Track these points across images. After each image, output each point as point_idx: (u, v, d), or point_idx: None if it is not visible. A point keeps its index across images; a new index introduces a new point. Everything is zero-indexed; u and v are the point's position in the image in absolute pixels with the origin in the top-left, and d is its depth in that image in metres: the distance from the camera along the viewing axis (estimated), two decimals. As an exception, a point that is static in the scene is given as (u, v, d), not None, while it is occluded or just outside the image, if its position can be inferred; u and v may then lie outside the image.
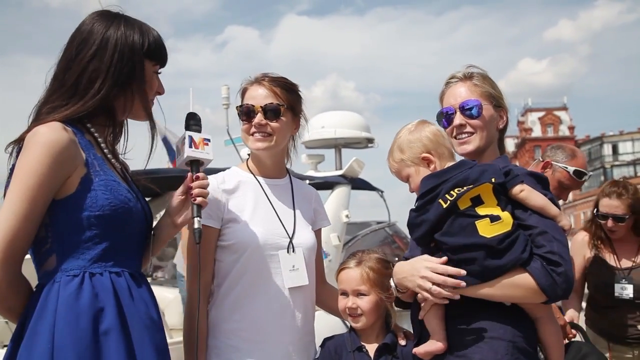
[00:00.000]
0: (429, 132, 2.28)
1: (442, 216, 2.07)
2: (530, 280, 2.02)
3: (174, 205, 2.18)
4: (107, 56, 2.00)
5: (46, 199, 1.86)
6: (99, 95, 1.99)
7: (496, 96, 2.36)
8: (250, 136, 2.44)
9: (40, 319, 1.81)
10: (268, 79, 2.46)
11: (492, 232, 2.02)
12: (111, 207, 1.91)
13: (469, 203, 2.07)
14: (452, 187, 2.09)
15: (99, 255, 1.90)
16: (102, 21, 2.05)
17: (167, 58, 2.16)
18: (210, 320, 2.37)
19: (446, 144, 2.29)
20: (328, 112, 7.41)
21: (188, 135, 2.15)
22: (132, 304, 1.92)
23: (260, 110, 2.41)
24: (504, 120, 2.38)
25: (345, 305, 2.51)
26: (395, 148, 2.31)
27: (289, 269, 2.39)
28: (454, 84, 2.40)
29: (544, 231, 2.06)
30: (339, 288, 2.56)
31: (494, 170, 2.12)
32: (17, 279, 1.87)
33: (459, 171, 2.14)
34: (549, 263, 2.02)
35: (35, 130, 1.88)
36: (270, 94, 2.43)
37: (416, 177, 2.25)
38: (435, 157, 2.24)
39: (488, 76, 2.41)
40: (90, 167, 1.94)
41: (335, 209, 6.15)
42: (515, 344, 2.06)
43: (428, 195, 2.13)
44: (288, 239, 2.43)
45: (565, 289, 2.02)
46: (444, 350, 2.10)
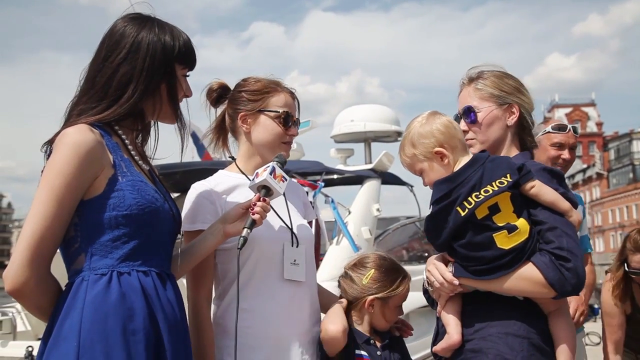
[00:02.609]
0: (440, 124, 2.21)
1: (460, 225, 2.06)
2: (538, 275, 2.02)
3: (231, 214, 2.21)
4: (139, 60, 2.02)
5: (74, 199, 1.88)
6: (131, 100, 2.01)
7: (501, 94, 2.33)
8: (282, 143, 2.48)
9: (67, 317, 1.83)
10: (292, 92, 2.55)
11: (510, 244, 2.04)
12: (139, 207, 1.93)
13: (486, 212, 2.06)
14: (469, 191, 2.06)
15: (126, 255, 1.92)
16: (134, 24, 2.06)
17: (196, 62, 2.17)
18: (219, 322, 2.38)
19: (459, 136, 2.23)
20: (357, 105, 7.37)
21: (272, 165, 2.22)
22: (160, 304, 1.93)
23: (294, 123, 2.50)
24: (515, 115, 2.33)
25: (397, 318, 2.61)
26: (406, 142, 2.25)
27: (290, 262, 2.41)
28: (462, 88, 2.44)
29: (554, 227, 2.06)
30: (397, 304, 2.59)
31: (507, 166, 2.10)
32: (46, 278, 1.89)
33: (472, 170, 2.11)
34: (558, 258, 2.01)
35: (64, 132, 1.92)
36: (297, 108, 2.53)
37: (430, 172, 2.21)
38: (448, 150, 2.18)
39: (498, 73, 2.39)
40: (118, 168, 1.96)
41: (365, 203, 6.12)
42: (530, 341, 2.06)
43: (443, 202, 2.10)
44: (290, 232, 2.44)
45: (574, 284, 2.01)
46: (458, 343, 2.11)
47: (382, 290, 2.53)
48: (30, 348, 4.12)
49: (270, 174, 2.18)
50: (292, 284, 2.40)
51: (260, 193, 2.18)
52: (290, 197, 2.55)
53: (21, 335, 4.84)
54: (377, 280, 2.55)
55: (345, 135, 7.09)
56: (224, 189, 2.42)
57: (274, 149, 2.45)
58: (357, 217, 5.94)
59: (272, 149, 2.46)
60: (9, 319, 4.88)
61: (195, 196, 2.39)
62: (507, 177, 2.05)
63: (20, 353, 4.14)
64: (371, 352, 2.49)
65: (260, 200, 2.17)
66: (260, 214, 2.15)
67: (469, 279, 2.10)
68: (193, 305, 2.35)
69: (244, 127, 2.49)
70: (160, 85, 2.06)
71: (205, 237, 2.24)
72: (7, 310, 5.07)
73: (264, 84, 2.51)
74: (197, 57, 2.18)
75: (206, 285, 2.37)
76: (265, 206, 2.16)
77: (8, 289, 1.84)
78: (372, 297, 2.53)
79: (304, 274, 2.44)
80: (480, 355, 2.06)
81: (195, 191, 2.42)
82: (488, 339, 2.07)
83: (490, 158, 2.15)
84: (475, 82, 2.38)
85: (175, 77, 2.10)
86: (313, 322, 2.48)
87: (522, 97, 2.35)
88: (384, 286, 2.54)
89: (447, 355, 2.16)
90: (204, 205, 2.37)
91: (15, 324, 4.86)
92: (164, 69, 2.05)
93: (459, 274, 2.11)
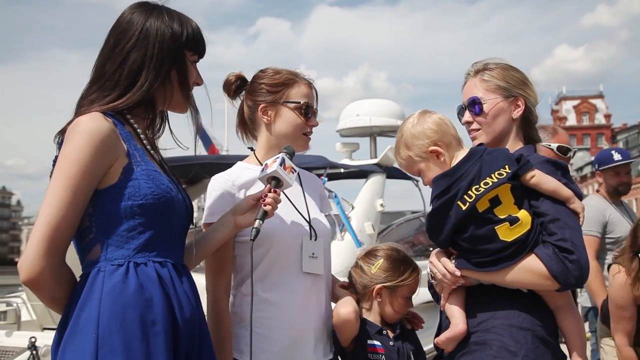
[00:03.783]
0: (431, 123, 2.21)
1: (462, 219, 2.05)
2: (541, 267, 2.01)
3: (242, 206, 2.20)
4: (149, 47, 2.00)
5: (89, 188, 1.86)
6: (144, 87, 1.99)
7: (507, 87, 2.32)
8: (302, 135, 2.48)
9: (85, 308, 1.81)
10: (311, 83, 2.54)
11: (513, 236, 2.03)
12: (154, 196, 1.91)
13: (487, 204, 2.05)
14: (469, 185, 2.05)
15: (142, 245, 1.90)
16: (141, 12, 2.05)
17: (205, 49, 2.16)
18: (236, 311, 2.39)
19: (451, 132, 2.23)
20: (363, 100, 7.35)
21: (282, 156, 2.21)
22: (176, 295, 1.91)
23: (314, 113, 2.50)
24: (520, 109, 2.32)
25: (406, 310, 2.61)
26: (400, 145, 2.25)
27: (309, 255, 2.42)
28: (467, 80, 2.42)
29: (556, 218, 2.05)
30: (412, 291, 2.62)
31: (505, 157, 2.10)
32: (61, 269, 1.87)
33: (470, 164, 2.10)
34: (561, 250, 2.00)
35: (77, 121, 1.89)
36: (315, 99, 2.53)
37: (428, 171, 2.21)
38: (443, 148, 2.18)
39: (504, 66, 2.38)
40: (132, 157, 1.94)
41: (369, 198, 6.11)
42: (534, 333, 2.06)
43: (443, 197, 2.09)
44: (308, 225, 2.45)
45: (577, 276, 2.00)
46: (464, 332, 2.10)
47: (390, 280, 2.57)
48: (34, 339, 4.13)
49: (280, 165, 2.18)
50: (310, 276, 2.41)
51: (271, 184, 2.18)
52: (307, 189, 2.57)
53: (25, 325, 4.85)
54: (386, 270, 2.60)
55: (350, 130, 7.08)
56: (244, 182, 2.42)
57: (294, 141, 2.45)
58: (361, 212, 5.94)
59: (292, 141, 2.45)
60: (14, 309, 4.91)
61: (216, 188, 2.41)
62: (506, 169, 2.05)
63: (24, 343, 4.16)
64: (384, 342, 2.52)
65: (271, 192, 2.16)
66: (272, 205, 2.14)
67: (472, 271, 2.10)
68: (212, 296, 2.36)
69: (264, 118, 2.48)
70: (170, 72, 2.05)
71: (217, 228, 2.23)
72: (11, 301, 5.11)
73: (283, 75, 2.50)
74: (206, 45, 2.16)
75: (225, 277, 2.38)
76: (276, 197, 2.16)
77: (23, 280, 1.81)
78: (380, 286, 2.57)
79: (322, 266, 2.46)
80: (484, 347, 2.06)
81: (216, 183, 2.43)
82: (492, 330, 2.07)
83: (487, 151, 2.14)
84: (482, 73, 2.36)
85: (186, 63, 2.08)
86: (329, 315, 2.50)
87: (527, 91, 2.34)
88: (392, 276, 2.58)
89: (451, 347, 2.14)
90: (224, 198, 2.38)
91: (20, 314, 4.89)
92: (174, 55, 2.04)
93: (461, 266, 2.11)
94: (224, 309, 2.36)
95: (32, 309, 5.06)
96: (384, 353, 2.49)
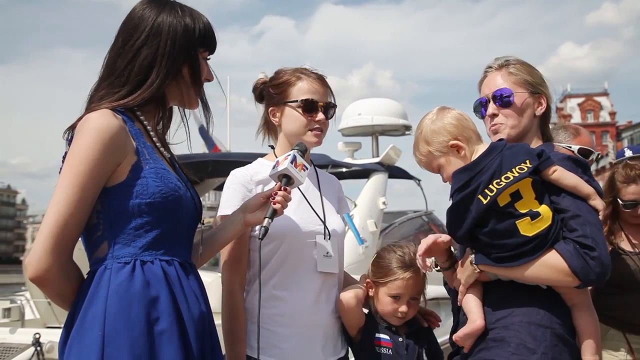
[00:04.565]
0: (451, 117, 2.22)
1: (483, 213, 2.05)
2: (562, 263, 2.00)
3: (252, 203, 2.21)
4: (161, 43, 1.99)
5: (97, 186, 1.86)
6: (155, 84, 1.99)
7: (533, 83, 2.32)
8: (309, 131, 2.49)
9: (91, 306, 1.81)
10: (318, 75, 2.55)
11: (534, 231, 2.02)
12: (162, 195, 1.91)
13: (508, 199, 2.04)
14: (490, 179, 2.04)
15: (149, 243, 1.90)
16: (153, 7, 2.04)
17: (216, 45, 2.15)
18: (248, 307, 2.42)
19: (471, 127, 2.24)
20: (365, 99, 7.36)
21: (293, 154, 2.22)
22: (183, 293, 1.92)
23: (321, 108, 2.49)
24: (543, 106, 2.33)
25: (397, 310, 2.54)
26: (420, 141, 2.25)
27: (323, 254, 2.45)
28: (490, 74, 2.39)
29: (577, 214, 2.04)
30: (392, 292, 2.54)
31: (526, 151, 2.09)
32: (68, 266, 1.87)
33: (491, 158, 2.10)
34: (582, 247, 1.99)
35: (87, 117, 1.89)
36: (327, 93, 2.54)
37: (448, 166, 2.20)
38: (463, 142, 2.19)
39: (526, 63, 2.37)
40: (141, 155, 1.93)
41: (372, 196, 6.13)
42: (553, 331, 2.05)
43: (464, 191, 2.08)
44: (322, 225, 2.47)
45: (599, 273, 1.98)
46: (482, 328, 2.09)
47: (374, 275, 2.60)
48: (38, 335, 4.15)
49: (291, 163, 2.18)
50: (323, 275, 2.44)
51: (281, 182, 2.19)
52: (325, 190, 2.60)
53: (29, 323, 4.88)
54: (373, 265, 2.63)
55: (352, 129, 7.10)
56: (262, 178, 2.45)
57: (302, 137, 2.48)
58: (363, 210, 5.96)
59: (300, 137, 2.48)
60: (18, 307, 4.94)
61: (234, 182, 2.46)
62: (527, 163, 2.04)
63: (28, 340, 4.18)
64: (392, 336, 2.53)
65: (281, 190, 2.17)
66: (281, 204, 2.15)
67: (491, 266, 2.09)
68: (227, 290, 2.40)
69: (274, 120, 2.56)
70: (182, 69, 2.04)
71: (226, 226, 2.25)
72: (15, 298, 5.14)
73: (285, 75, 2.55)
74: (217, 41, 2.16)
75: (240, 271, 2.42)
76: (286, 195, 2.16)
77: (30, 276, 1.81)
78: (368, 280, 2.61)
79: (337, 265, 2.49)
80: (503, 344, 2.05)
81: (234, 178, 2.48)
82: (510, 327, 2.06)
83: (507, 146, 2.14)
84: (507, 67, 2.35)
85: (198, 59, 2.07)
86: (338, 315, 2.53)
87: (547, 89, 2.35)
88: (375, 272, 2.60)
89: (469, 343, 2.13)
90: (241, 192, 2.42)
91: (24, 311, 4.92)
92: (186, 52, 2.03)
93: (480, 261, 2.10)
94: (238, 303, 2.39)
95: (36, 307, 5.09)
96: (392, 347, 2.50)
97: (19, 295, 5.38)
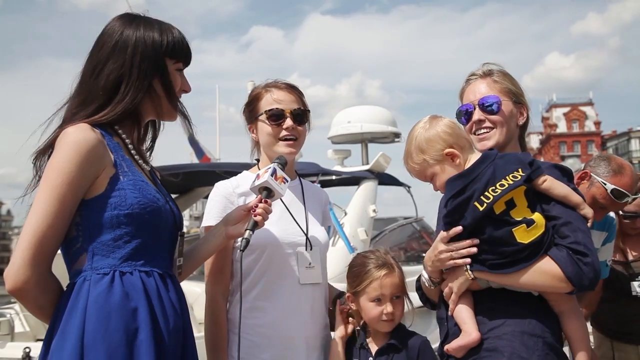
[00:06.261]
0: (444, 126, 2.22)
1: (478, 220, 2.06)
2: (555, 268, 2.02)
3: (233, 216, 2.24)
4: (127, 57, 2.00)
5: (75, 198, 1.87)
6: (125, 100, 2.00)
7: (516, 92, 2.35)
8: (279, 140, 2.48)
9: (70, 317, 1.82)
10: (286, 84, 2.55)
11: (529, 238, 2.04)
12: (140, 206, 1.92)
13: (503, 207, 2.06)
14: (485, 186, 2.06)
15: (129, 254, 1.91)
16: (121, 23, 2.06)
17: (190, 56, 2.15)
18: (229, 317, 2.43)
19: (464, 135, 2.25)
20: (354, 107, 7.37)
21: (273, 167, 2.24)
22: (161, 304, 1.92)
23: (289, 115, 2.47)
24: (524, 117, 2.37)
25: (382, 312, 2.47)
26: (413, 149, 2.23)
27: (305, 266, 2.46)
28: (473, 81, 2.41)
29: (568, 222, 2.07)
30: (372, 295, 2.49)
31: (517, 160, 2.11)
32: (47, 278, 1.88)
33: (484, 166, 2.11)
34: (575, 253, 2.02)
35: (65, 132, 1.90)
36: (296, 100, 2.53)
37: (442, 174, 2.20)
38: (458, 150, 2.19)
39: (508, 73, 2.40)
40: (119, 167, 1.95)
41: (362, 204, 6.12)
42: (544, 340, 2.06)
43: (459, 197, 2.09)
44: (304, 237, 2.48)
45: (591, 278, 2.01)
46: (478, 341, 2.08)
47: (351, 286, 2.57)
48: (28, 349, 4.11)
49: (272, 176, 2.20)
50: (306, 286, 2.45)
51: (262, 195, 2.21)
52: (309, 202, 2.60)
53: (19, 336, 4.82)
54: (348, 276, 2.60)
55: (342, 137, 7.10)
56: (244, 190, 2.46)
57: (274, 148, 2.49)
58: (353, 218, 5.94)
59: (272, 149, 2.49)
60: (7, 320, 4.87)
61: (217, 194, 2.48)
62: (520, 172, 2.06)
63: (18, 354, 4.13)
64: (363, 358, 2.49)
65: (262, 202, 2.19)
66: (262, 216, 2.17)
67: (487, 272, 2.09)
68: (210, 299, 2.42)
69: (254, 136, 2.58)
70: (153, 82, 2.04)
71: (208, 239, 2.26)
72: (5, 312, 5.08)
73: (254, 91, 2.58)
74: (191, 52, 2.15)
75: (223, 281, 2.44)
76: (267, 207, 2.19)
77: (9, 289, 1.82)
78: (348, 294, 2.58)
79: (320, 275, 2.50)
80: (496, 354, 2.05)
81: (217, 190, 2.50)
82: (503, 337, 2.06)
83: (499, 155, 2.16)
84: (491, 75, 2.37)
85: (167, 71, 2.07)
86: (323, 325, 2.53)
87: (526, 101, 2.38)
88: (351, 282, 2.57)
89: (461, 354, 2.12)
90: (223, 204, 2.44)
91: (14, 325, 4.86)
92: (154, 65, 2.03)
93: (475, 268, 2.10)
94: (220, 312, 2.41)
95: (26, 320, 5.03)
96: None
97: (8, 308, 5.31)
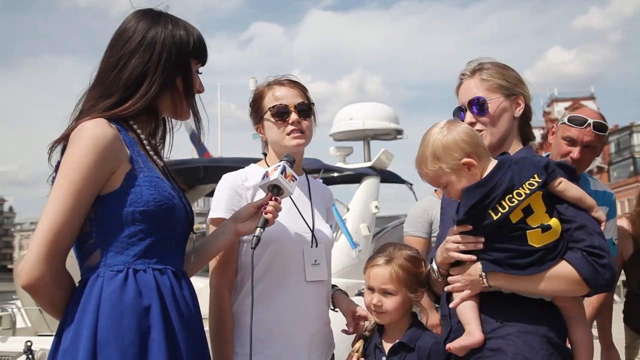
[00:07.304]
0: (463, 133, 2.11)
1: (494, 228, 2.04)
2: (572, 272, 2.01)
3: (243, 213, 2.23)
4: (155, 55, 2.00)
5: (91, 194, 1.86)
6: (147, 95, 1.99)
7: (507, 86, 2.31)
8: (286, 135, 2.49)
9: (83, 314, 1.81)
10: (288, 80, 2.56)
11: (543, 242, 2.02)
12: (155, 203, 1.91)
13: (520, 215, 2.03)
14: (503, 195, 2.02)
15: (142, 252, 1.90)
16: (146, 20, 2.05)
17: (207, 57, 2.17)
18: (233, 312, 2.42)
19: (482, 143, 2.16)
20: (356, 103, 7.36)
21: (283, 164, 2.24)
22: (175, 303, 1.91)
23: (294, 110, 2.48)
24: (521, 107, 2.32)
25: (370, 301, 2.49)
26: (428, 155, 2.11)
27: (311, 263, 2.45)
28: (464, 80, 2.39)
29: (583, 225, 2.05)
30: (367, 283, 2.54)
31: (533, 166, 2.07)
32: (61, 274, 1.87)
33: (501, 173, 2.06)
34: (590, 255, 2.01)
35: (81, 126, 1.89)
36: (299, 94, 2.53)
37: (457, 183, 2.12)
38: (475, 159, 2.10)
39: (499, 65, 2.37)
40: (135, 163, 1.93)
41: (364, 200, 6.11)
42: (549, 339, 2.05)
43: (478, 207, 2.05)
44: (310, 233, 2.48)
45: (608, 279, 2.01)
46: (481, 343, 2.06)
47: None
48: (29, 343, 4.12)
49: (281, 174, 2.20)
50: (311, 283, 2.45)
51: (272, 192, 2.20)
52: (316, 199, 2.61)
53: (21, 331, 4.83)
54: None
55: (344, 134, 7.09)
56: (253, 184, 2.45)
57: (283, 145, 2.49)
58: (356, 214, 5.95)
59: (281, 145, 2.50)
60: (9, 315, 4.89)
61: (225, 186, 2.47)
62: (536, 178, 2.03)
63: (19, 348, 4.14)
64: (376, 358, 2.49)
65: (272, 200, 2.19)
66: (273, 213, 2.17)
67: (502, 277, 2.06)
68: (215, 292, 2.40)
69: (262, 136, 2.59)
70: (176, 80, 2.05)
71: (217, 235, 2.25)
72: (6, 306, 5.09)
73: (257, 90, 2.59)
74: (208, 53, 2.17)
75: (229, 274, 2.42)
76: (277, 205, 2.19)
77: (23, 284, 1.81)
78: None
79: (326, 271, 2.50)
80: (499, 354, 2.03)
81: (225, 181, 2.49)
82: (507, 337, 2.04)
83: (514, 160, 2.12)
84: (479, 73, 2.34)
85: (191, 71, 2.09)
86: (325, 322, 2.53)
87: (524, 88, 2.34)
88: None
89: (463, 353, 2.10)
90: (231, 196, 2.42)
91: (15, 319, 4.87)
92: (179, 64, 2.04)
93: (489, 268, 2.07)
94: (226, 305, 2.39)
95: (27, 315, 5.05)
96: None
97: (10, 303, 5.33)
